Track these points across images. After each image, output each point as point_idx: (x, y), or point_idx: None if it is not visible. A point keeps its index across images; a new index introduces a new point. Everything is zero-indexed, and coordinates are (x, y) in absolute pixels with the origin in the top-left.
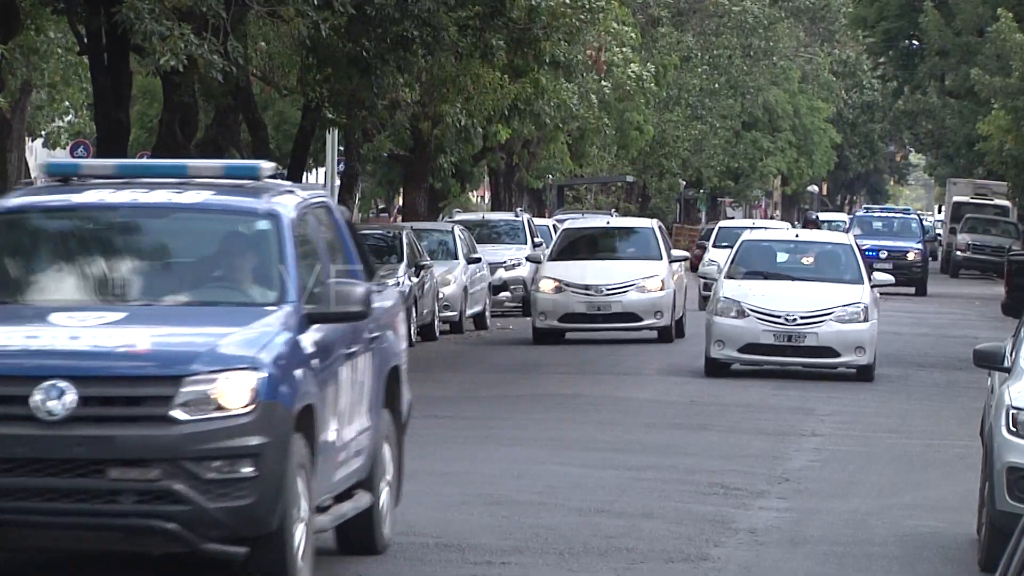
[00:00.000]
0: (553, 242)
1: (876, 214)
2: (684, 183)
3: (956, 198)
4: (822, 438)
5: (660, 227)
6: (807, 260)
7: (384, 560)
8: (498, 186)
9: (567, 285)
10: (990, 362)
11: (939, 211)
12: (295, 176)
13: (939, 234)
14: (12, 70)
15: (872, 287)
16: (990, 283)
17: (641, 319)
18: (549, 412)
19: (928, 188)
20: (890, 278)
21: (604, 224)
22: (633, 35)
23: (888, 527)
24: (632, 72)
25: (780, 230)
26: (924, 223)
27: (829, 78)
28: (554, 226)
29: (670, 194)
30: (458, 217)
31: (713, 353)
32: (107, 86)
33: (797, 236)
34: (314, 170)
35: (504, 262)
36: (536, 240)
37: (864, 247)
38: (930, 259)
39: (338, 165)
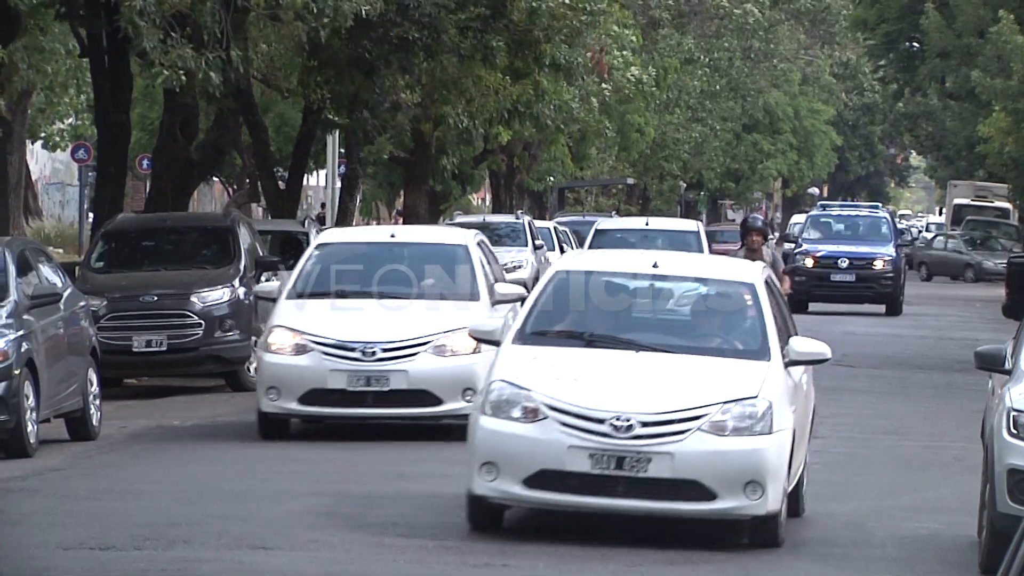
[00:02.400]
0: (297, 269)
1: (835, 212)
2: (685, 185)
3: (957, 200)
4: (821, 440)
5: (483, 243)
6: (677, 311)
7: (384, 562)
8: (499, 188)
9: (316, 341)
10: (990, 364)
11: (940, 213)
12: (295, 179)
13: (915, 238)
14: (13, 72)
15: (789, 365)
16: (990, 285)
17: (440, 401)
18: None
19: (929, 190)
20: (821, 349)
21: (387, 238)
22: (634, 37)
23: (887, 529)
24: (633, 74)
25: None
26: (897, 223)
27: (829, 80)
28: (555, 228)
29: (671, 196)
30: (459, 219)
31: (478, 488)
32: (107, 88)
33: (656, 267)
34: (315, 172)
35: (505, 264)
36: (537, 242)
37: (819, 253)
38: (906, 268)
39: (339, 167)
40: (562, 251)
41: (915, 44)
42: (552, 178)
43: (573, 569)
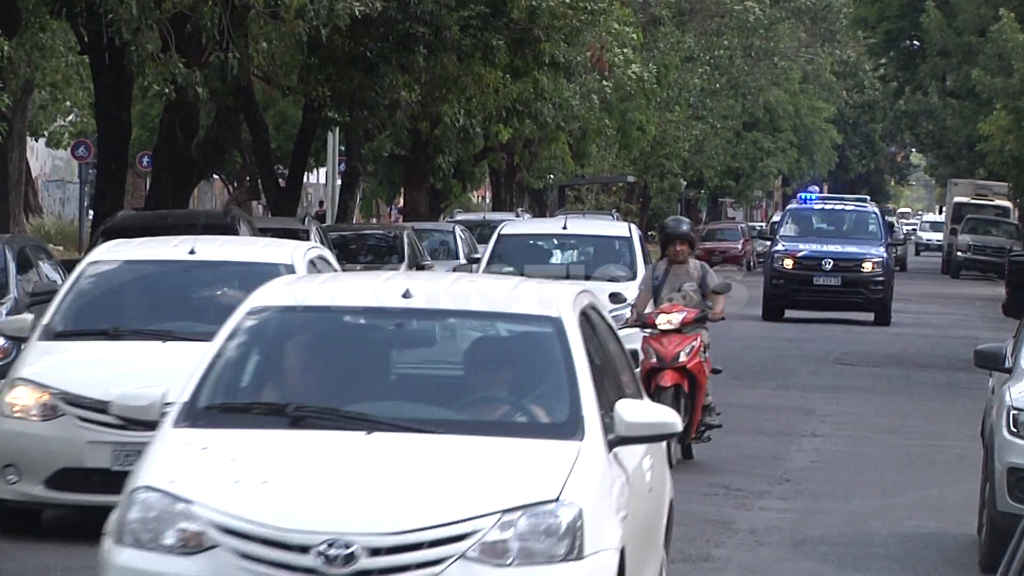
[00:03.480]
0: (57, 298)
1: (817, 206)
2: (685, 183)
3: (957, 199)
4: (823, 438)
5: (320, 261)
6: (439, 364)
7: None
8: (499, 186)
9: (71, 402)
10: (991, 363)
11: (940, 212)
12: (296, 176)
13: (907, 236)
14: (15, 69)
15: (617, 444)
16: (991, 284)
17: None
18: None
19: (929, 188)
20: (666, 419)
21: (185, 255)
22: (634, 35)
23: (889, 527)
24: (633, 72)
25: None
26: (887, 220)
27: (830, 78)
28: None
29: (671, 194)
30: (459, 217)
31: None
32: (108, 86)
33: (407, 297)
34: (315, 170)
35: None
36: None
37: (800, 253)
38: (896, 269)
39: (339, 165)
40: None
41: (916, 42)
42: (552, 176)
43: None
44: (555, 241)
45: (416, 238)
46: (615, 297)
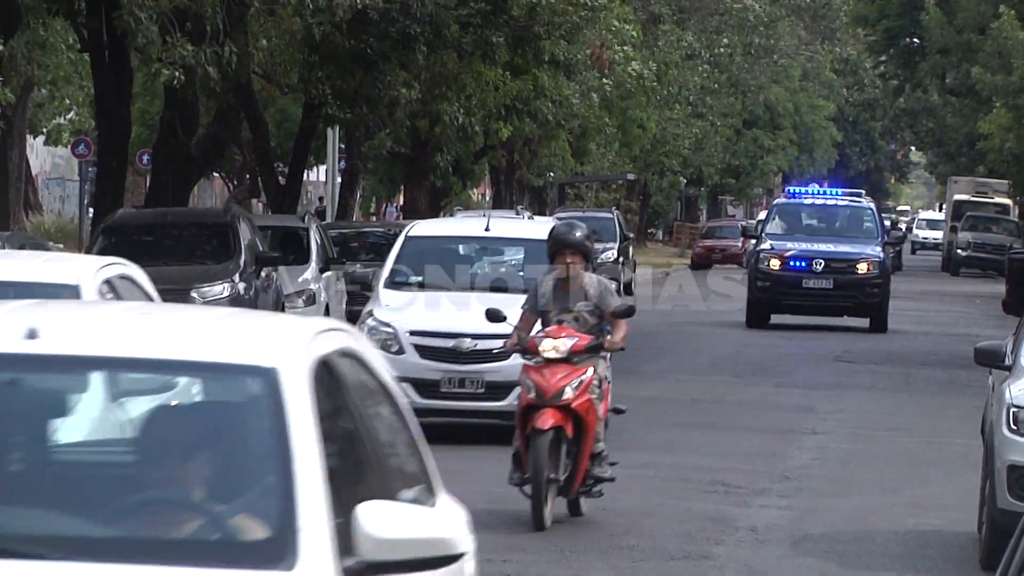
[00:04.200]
0: None
1: (808, 201)
2: (685, 181)
3: (957, 196)
4: (823, 436)
5: (123, 281)
6: (90, 447)
7: None
8: (499, 184)
9: None
10: (991, 360)
11: (940, 209)
12: (296, 174)
13: (905, 233)
14: (15, 66)
15: (361, 573)
16: (991, 281)
17: None
18: None
19: (929, 186)
20: (443, 533)
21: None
22: (635, 33)
23: (889, 525)
24: (633, 70)
25: None
26: (882, 217)
27: (830, 76)
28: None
29: (671, 192)
30: (459, 215)
31: None
32: (108, 83)
33: (33, 337)
34: (315, 168)
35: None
36: None
37: (788, 252)
38: (892, 271)
39: (339, 163)
40: None
41: (916, 40)
42: (553, 174)
43: (575, 565)
44: (475, 245)
45: None
46: (493, 315)
